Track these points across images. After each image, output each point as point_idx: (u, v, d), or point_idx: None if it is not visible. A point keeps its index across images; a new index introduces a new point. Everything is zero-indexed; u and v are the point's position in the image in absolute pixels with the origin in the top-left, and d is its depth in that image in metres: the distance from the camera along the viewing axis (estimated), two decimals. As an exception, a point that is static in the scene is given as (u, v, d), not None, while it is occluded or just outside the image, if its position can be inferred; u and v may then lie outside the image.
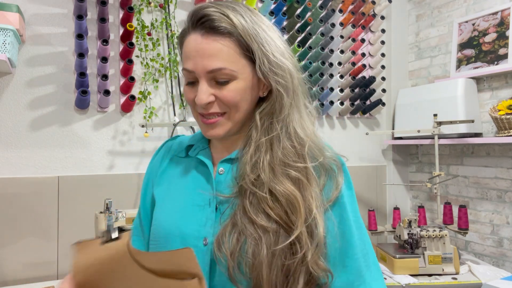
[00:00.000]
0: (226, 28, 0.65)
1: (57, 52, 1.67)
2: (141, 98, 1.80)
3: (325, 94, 2.20)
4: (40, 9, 1.65)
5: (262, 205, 0.64)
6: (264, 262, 0.61)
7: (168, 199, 0.76)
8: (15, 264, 1.54)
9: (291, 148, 0.67)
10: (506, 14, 1.95)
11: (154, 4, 1.84)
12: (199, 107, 0.68)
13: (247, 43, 0.66)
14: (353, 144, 2.38)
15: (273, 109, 0.69)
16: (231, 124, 0.69)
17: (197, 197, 0.72)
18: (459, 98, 1.99)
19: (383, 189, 2.44)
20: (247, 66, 0.68)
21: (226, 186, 0.70)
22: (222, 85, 0.67)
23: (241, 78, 0.67)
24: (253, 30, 0.66)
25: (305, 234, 0.63)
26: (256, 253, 0.61)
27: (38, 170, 1.64)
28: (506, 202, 1.95)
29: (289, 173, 0.66)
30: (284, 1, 2.07)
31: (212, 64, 0.65)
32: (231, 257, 0.62)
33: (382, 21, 2.36)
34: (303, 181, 0.65)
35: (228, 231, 0.64)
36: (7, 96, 1.59)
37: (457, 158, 2.20)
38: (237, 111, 0.68)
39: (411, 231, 1.72)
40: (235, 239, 0.63)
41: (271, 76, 0.67)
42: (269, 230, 0.62)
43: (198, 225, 0.69)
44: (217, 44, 0.65)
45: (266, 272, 0.61)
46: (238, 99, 0.67)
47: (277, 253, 0.61)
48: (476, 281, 1.59)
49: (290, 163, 0.66)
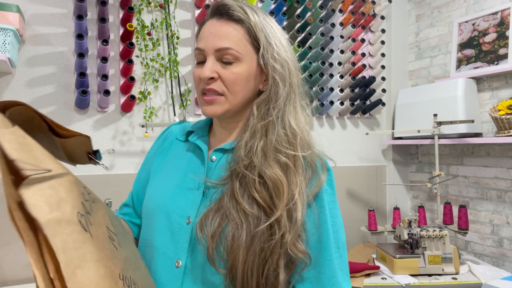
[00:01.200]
0: (239, 16, 0.72)
1: (57, 52, 1.67)
2: (141, 98, 1.80)
3: (325, 94, 2.20)
4: (40, 9, 1.65)
5: (249, 188, 0.67)
6: (242, 246, 0.63)
7: (161, 177, 0.81)
8: (15, 264, 1.54)
9: (284, 136, 0.71)
10: (506, 14, 1.95)
11: (154, 4, 1.84)
12: (202, 82, 0.73)
13: (255, 33, 0.72)
14: (353, 144, 2.38)
15: (269, 97, 0.73)
16: (228, 106, 0.73)
17: (188, 179, 0.76)
18: (459, 98, 1.99)
19: (383, 189, 2.44)
20: (252, 53, 0.73)
21: (215, 173, 0.74)
22: (226, 65, 0.71)
23: (245, 63, 0.72)
24: (263, 23, 0.73)
25: (284, 217, 0.65)
26: (236, 237, 0.64)
27: (38, 170, 1.63)
28: (506, 202, 1.95)
29: (279, 159, 0.69)
30: (284, 1, 2.07)
31: (221, 43, 0.71)
32: (211, 239, 0.65)
33: (382, 21, 2.36)
34: (291, 167, 0.68)
35: (212, 214, 0.67)
36: (7, 96, 1.59)
37: (457, 158, 2.20)
38: (235, 94, 0.72)
39: (411, 231, 1.72)
40: (217, 223, 0.66)
41: (270, 64, 0.72)
42: (249, 214, 0.65)
43: (184, 204, 0.73)
44: (229, 27, 0.72)
45: (243, 255, 0.63)
46: (238, 82, 0.72)
47: (256, 237, 0.64)
48: (476, 281, 1.60)
49: (281, 149, 0.69)
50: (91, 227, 0.50)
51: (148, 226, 0.77)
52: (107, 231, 0.56)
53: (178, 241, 0.71)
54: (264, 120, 0.72)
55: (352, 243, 2.28)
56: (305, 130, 0.73)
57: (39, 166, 0.45)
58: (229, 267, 0.64)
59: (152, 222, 0.75)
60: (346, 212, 2.31)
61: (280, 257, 0.65)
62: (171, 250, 0.71)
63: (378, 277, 1.66)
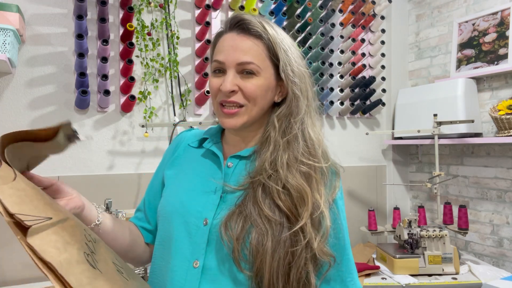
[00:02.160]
0: (258, 32, 0.75)
1: (57, 52, 1.67)
2: (141, 98, 1.80)
3: (325, 94, 2.20)
4: (40, 9, 1.65)
5: (273, 197, 0.70)
6: (268, 251, 0.66)
7: (177, 181, 0.84)
8: (15, 264, 1.54)
9: (306, 148, 0.76)
10: (506, 14, 1.95)
11: (154, 4, 1.84)
12: (222, 95, 0.75)
13: (274, 48, 0.76)
14: (353, 144, 2.38)
15: (290, 111, 0.77)
16: (247, 117, 0.76)
17: (205, 183, 0.79)
18: (459, 98, 1.99)
19: (383, 189, 2.44)
20: (270, 68, 0.77)
21: (233, 179, 0.78)
22: (246, 79, 0.75)
23: (264, 77, 0.76)
24: (280, 38, 0.77)
25: (309, 225, 0.69)
26: (261, 242, 0.67)
27: (38, 170, 1.63)
28: (506, 202, 1.95)
29: (301, 169, 0.73)
30: (284, 1, 2.07)
31: (243, 57, 0.74)
32: (236, 241, 0.68)
33: (382, 21, 2.36)
34: (313, 176, 0.73)
35: (235, 217, 0.70)
36: (7, 96, 1.59)
37: (457, 158, 2.20)
38: (254, 105, 0.76)
39: (411, 231, 1.72)
40: (241, 225, 0.69)
41: (291, 79, 0.77)
42: (272, 221, 0.68)
43: (201, 207, 0.76)
44: (250, 42, 0.75)
45: (269, 260, 0.66)
46: (258, 94, 0.75)
47: (280, 243, 0.67)
48: (476, 281, 1.60)
49: (303, 160, 0.74)
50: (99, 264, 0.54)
51: (165, 228, 0.79)
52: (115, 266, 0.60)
53: (196, 242, 0.73)
54: (286, 134, 0.76)
55: (352, 243, 2.27)
56: (322, 139, 0.79)
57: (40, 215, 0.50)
58: (256, 270, 0.67)
59: (170, 224, 0.77)
60: (346, 212, 2.30)
61: (308, 261, 0.68)
62: (189, 251, 0.73)
63: (378, 277, 1.66)
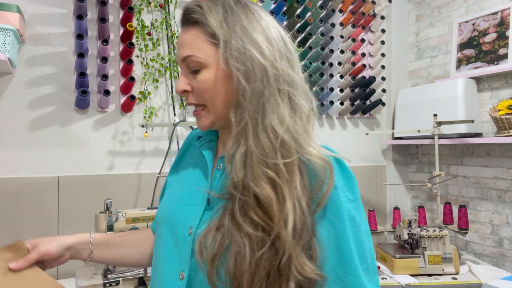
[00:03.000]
0: (194, 18, 0.67)
1: (57, 52, 1.67)
2: (141, 98, 1.80)
3: (325, 94, 2.20)
4: (40, 9, 1.65)
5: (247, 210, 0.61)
6: (246, 272, 0.58)
7: (172, 186, 0.81)
8: (15, 264, 1.54)
9: (268, 143, 0.61)
10: (506, 14, 1.95)
11: (154, 4, 1.84)
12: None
13: (213, 30, 0.65)
14: (353, 144, 2.38)
15: (239, 101, 0.64)
16: (213, 116, 0.69)
17: (192, 189, 0.73)
18: (459, 98, 1.99)
19: (383, 189, 2.44)
20: (214, 53, 0.66)
21: (220, 183, 0.70)
22: (194, 75, 0.68)
23: (210, 67, 0.67)
24: (223, 16, 0.65)
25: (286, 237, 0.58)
26: (239, 261, 0.58)
27: (38, 170, 1.64)
28: (506, 202, 1.95)
29: (267, 173, 0.60)
30: (284, 1, 2.07)
31: (182, 52, 0.69)
32: (211, 263, 0.60)
33: (382, 21, 2.36)
34: (278, 182, 0.60)
35: (212, 234, 0.62)
36: (7, 96, 1.59)
37: (457, 158, 2.20)
38: (213, 102, 0.68)
39: (411, 231, 1.72)
40: (218, 243, 0.60)
41: (231, 62, 0.64)
42: (252, 237, 0.59)
43: (188, 214, 0.70)
44: (187, 34, 0.69)
45: (247, 282, 0.58)
46: (210, 89, 0.67)
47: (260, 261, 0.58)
48: (476, 281, 1.59)
49: (266, 161, 0.61)
50: None
51: (157, 236, 0.76)
52: None
53: (181, 252, 0.68)
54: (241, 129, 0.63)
55: (352, 243, 2.28)
56: (294, 129, 0.63)
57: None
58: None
59: (160, 233, 0.74)
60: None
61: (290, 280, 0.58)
62: (176, 261, 0.68)
63: (378, 277, 1.66)
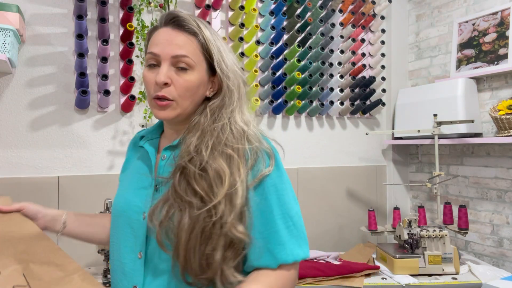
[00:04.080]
0: (192, 29, 0.79)
1: (57, 52, 1.67)
2: (141, 98, 1.80)
3: (325, 94, 2.20)
4: (40, 9, 1.65)
5: (190, 180, 0.74)
6: (185, 228, 0.71)
7: (123, 181, 0.92)
8: (15, 264, 1.54)
9: (232, 135, 0.79)
10: (506, 14, 1.95)
11: (154, 4, 1.84)
12: (155, 88, 0.79)
13: (207, 45, 0.80)
14: (353, 144, 2.38)
15: (223, 103, 0.82)
16: (180, 110, 0.80)
17: (142, 179, 0.85)
18: (459, 98, 1.99)
19: (383, 189, 2.44)
20: (203, 63, 0.81)
21: (166, 170, 0.82)
22: (180, 72, 0.79)
23: (196, 72, 0.80)
24: (213, 37, 0.81)
25: (223, 202, 0.72)
26: (179, 221, 0.72)
27: (38, 170, 1.64)
28: (506, 202, 1.95)
29: (225, 151, 0.76)
30: (284, 1, 2.07)
31: (178, 50, 0.78)
32: (159, 226, 0.73)
33: (382, 21, 2.36)
34: (235, 158, 0.75)
35: (160, 206, 0.75)
36: (7, 96, 1.59)
37: (457, 158, 2.20)
38: (185, 99, 0.80)
39: (411, 231, 1.72)
40: (165, 212, 0.73)
41: (225, 74, 0.81)
42: (193, 203, 0.72)
43: (140, 202, 0.81)
44: (184, 37, 0.79)
45: (185, 236, 0.70)
46: (190, 89, 0.79)
47: (197, 221, 0.71)
48: (476, 281, 1.60)
49: (228, 143, 0.77)
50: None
51: (114, 227, 0.86)
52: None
53: (137, 235, 0.79)
54: (216, 122, 0.80)
55: (352, 243, 2.28)
56: (253, 127, 0.82)
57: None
58: (174, 247, 0.72)
59: (117, 223, 0.84)
60: (346, 212, 2.31)
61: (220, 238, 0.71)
62: (133, 243, 0.79)
63: (378, 277, 1.66)
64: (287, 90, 2.07)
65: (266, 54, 2.06)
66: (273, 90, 2.04)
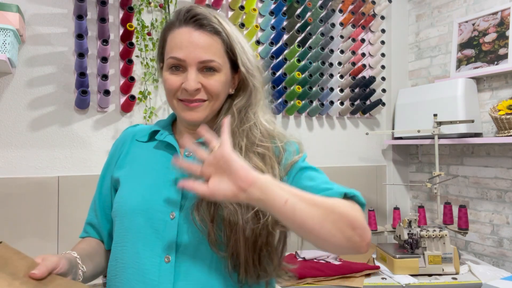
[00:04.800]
0: (215, 28, 0.76)
1: (57, 52, 1.67)
2: (141, 98, 1.80)
3: (325, 94, 2.20)
4: (40, 9, 1.65)
5: None
6: (241, 230, 0.69)
7: (132, 178, 0.81)
8: (15, 264, 1.54)
9: (260, 134, 0.78)
10: (506, 14, 1.95)
11: (154, 4, 1.84)
12: (184, 94, 0.76)
13: (231, 43, 0.77)
14: (353, 144, 2.38)
15: (250, 103, 0.81)
16: (209, 111, 0.79)
17: (164, 175, 0.78)
18: (459, 98, 1.99)
19: (383, 189, 2.44)
20: (227, 63, 0.79)
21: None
22: (208, 76, 0.76)
23: (223, 73, 0.78)
24: (235, 33, 0.79)
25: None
26: (233, 222, 0.69)
27: (38, 170, 1.64)
28: (506, 202, 1.95)
29: (257, 151, 0.76)
30: (284, 1, 2.07)
31: (204, 55, 0.75)
32: (211, 223, 0.70)
33: (382, 21, 2.36)
34: (266, 155, 0.76)
35: (205, 202, 0.71)
36: (7, 96, 1.59)
37: (457, 158, 2.20)
38: (217, 100, 0.78)
39: (411, 231, 1.72)
40: (213, 209, 0.70)
41: (250, 72, 0.79)
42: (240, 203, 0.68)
43: (165, 200, 0.75)
44: (209, 39, 0.75)
45: (242, 238, 0.69)
46: (220, 90, 0.78)
47: (248, 221, 0.69)
48: (476, 281, 1.59)
49: (259, 143, 0.77)
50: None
51: (126, 227, 0.76)
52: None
53: (164, 237, 0.72)
54: (244, 123, 0.79)
55: (352, 243, 2.28)
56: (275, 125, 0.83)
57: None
58: (231, 249, 0.69)
59: (132, 222, 0.75)
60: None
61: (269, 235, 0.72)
62: (159, 247, 0.72)
63: (378, 277, 1.66)
64: (287, 90, 2.07)
65: (266, 54, 2.06)
66: (273, 90, 2.04)
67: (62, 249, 1.62)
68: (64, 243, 1.63)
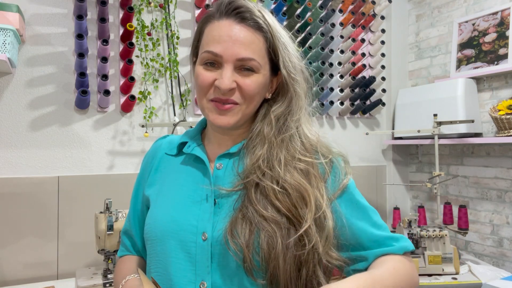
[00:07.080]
0: (259, 24, 0.68)
1: (57, 52, 1.67)
2: (141, 98, 1.80)
3: (325, 94, 2.20)
4: (40, 9, 1.65)
5: (270, 197, 0.65)
6: (280, 255, 0.61)
7: (162, 197, 0.75)
8: (15, 264, 1.54)
9: (303, 146, 0.71)
10: (506, 14, 1.95)
11: (154, 4, 1.84)
12: (217, 92, 0.68)
13: (273, 42, 0.70)
14: (353, 144, 2.38)
15: (290, 110, 0.72)
16: (241, 115, 0.70)
17: (193, 192, 0.71)
18: (459, 98, 1.99)
19: (383, 189, 2.44)
20: (267, 64, 0.71)
21: (225, 180, 0.71)
22: (245, 76, 0.68)
23: (262, 74, 0.70)
24: (279, 31, 0.71)
25: (313, 227, 0.64)
26: (271, 246, 0.62)
27: (38, 170, 1.64)
28: (506, 202, 1.95)
29: (299, 166, 0.68)
30: (284, 1, 2.07)
31: (244, 52, 0.67)
32: (247, 248, 0.62)
33: (382, 21, 2.36)
34: (311, 173, 0.68)
35: (240, 223, 0.64)
36: (7, 96, 1.59)
37: (457, 158, 2.20)
38: (251, 103, 0.70)
39: (411, 231, 1.72)
40: (248, 231, 0.63)
41: (292, 76, 0.71)
42: (280, 224, 0.63)
43: (195, 220, 0.68)
44: (251, 35, 0.68)
45: (282, 264, 0.61)
46: (256, 92, 0.69)
47: (289, 245, 0.62)
48: (476, 281, 1.59)
49: (300, 158, 0.69)
50: None
51: (158, 252, 0.71)
52: None
53: (197, 261, 0.66)
54: (282, 133, 0.71)
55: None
56: (318, 135, 0.75)
57: None
58: (270, 276, 0.62)
59: (164, 246, 0.69)
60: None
61: (316, 265, 0.64)
62: (192, 272, 0.66)
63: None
64: (287, 90, 2.06)
65: (266, 54, 2.06)
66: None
67: (62, 249, 1.62)
68: (64, 243, 1.63)
